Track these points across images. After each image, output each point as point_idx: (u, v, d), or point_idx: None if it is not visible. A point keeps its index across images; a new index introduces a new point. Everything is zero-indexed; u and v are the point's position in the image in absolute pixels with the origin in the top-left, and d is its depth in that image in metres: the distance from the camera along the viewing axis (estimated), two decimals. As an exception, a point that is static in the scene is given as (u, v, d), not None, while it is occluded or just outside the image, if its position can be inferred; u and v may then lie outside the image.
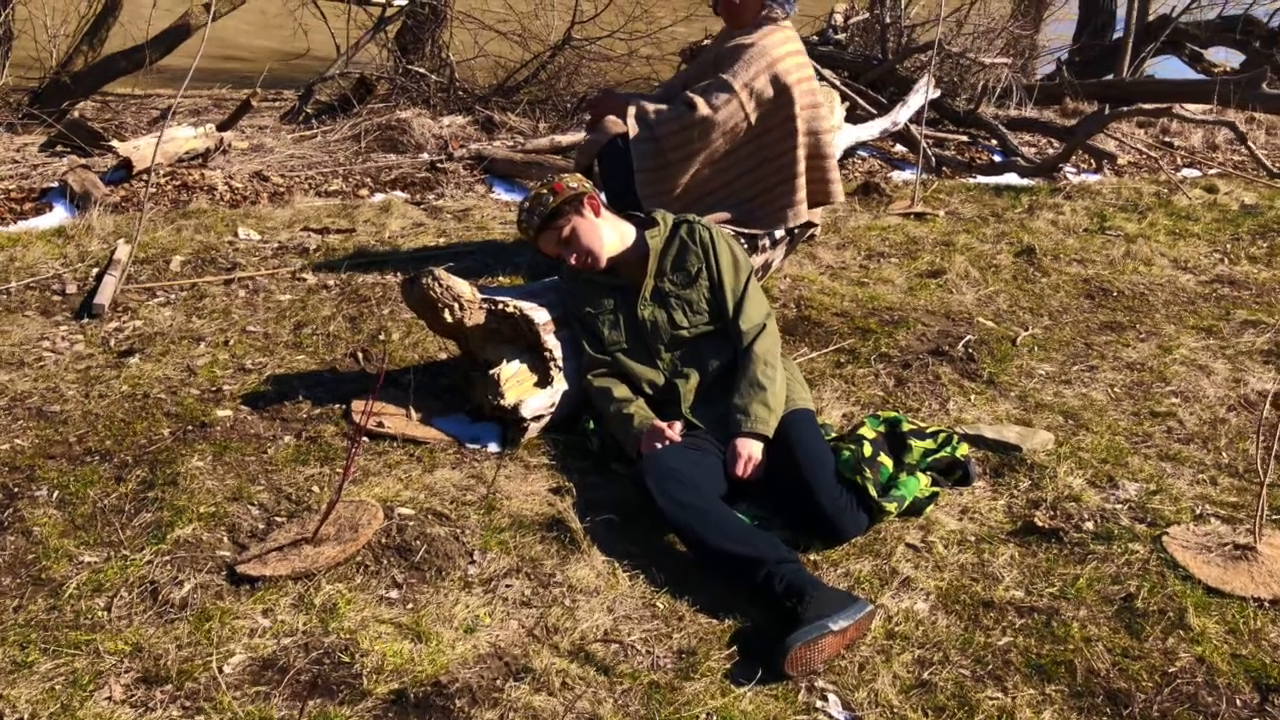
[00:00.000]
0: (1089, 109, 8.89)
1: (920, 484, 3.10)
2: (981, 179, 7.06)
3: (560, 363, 3.40)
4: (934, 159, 7.01)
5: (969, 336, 4.15)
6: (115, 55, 8.53)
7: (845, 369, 3.89)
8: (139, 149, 6.20)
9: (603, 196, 3.51)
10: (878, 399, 3.71)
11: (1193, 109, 8.17)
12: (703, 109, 4.12)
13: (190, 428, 3.37)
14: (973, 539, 2.99)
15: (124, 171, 6.14)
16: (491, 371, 3.35)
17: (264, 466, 3.18)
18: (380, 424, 3.34)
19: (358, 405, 3.44)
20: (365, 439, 3.32)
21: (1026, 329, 4.36)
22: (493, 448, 3.35)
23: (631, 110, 4.24)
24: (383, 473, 3.15)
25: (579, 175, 3.52)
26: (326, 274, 4.61)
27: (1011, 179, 7.08)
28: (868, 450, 3.12)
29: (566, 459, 3.32)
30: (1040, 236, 5.59)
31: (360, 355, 3.87)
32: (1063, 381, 3.93)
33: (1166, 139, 8.58)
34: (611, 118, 4.33)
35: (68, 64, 8.43)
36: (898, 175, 6.98)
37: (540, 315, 3.41)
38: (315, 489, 3.08)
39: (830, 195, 4.43)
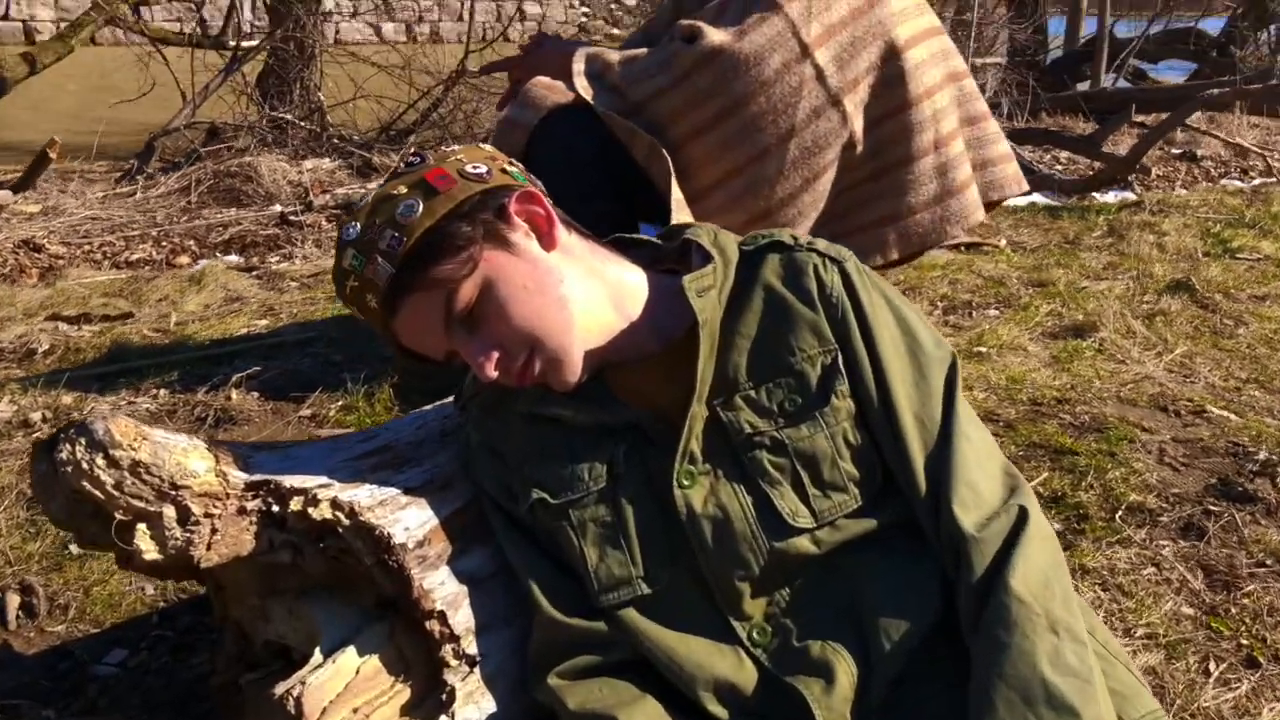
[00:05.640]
0: (1070, 123, 7.01)
1: None
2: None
3: (471, 648, 1.15)
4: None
5: (1268, 456, 1.98)
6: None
7: (1080, 548, 1.70)
8: None
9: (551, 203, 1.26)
10: (1194, 627, 1.53)
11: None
12: (713, 36, 1.92)
13: None
14: None
15: None
16: (281, 689, 1.09)
17: None
18: None
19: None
20: None
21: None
22: None
23: (578, 60, 2.05)
24: None
25: (491, 149, 1.30)
26: (37, 397, 2.29)
27: (1037, 198, 5.10)
28: None
29: None
30: (1169, 265, 3.51)
31: (20, 602, 1.56)
32: None
33: (1173, 150, 6.71)
34: (542, 79, 2.12)
35: None
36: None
37: (409, 521, 1.16)
38: None
39: (1003, 183, 2.25)
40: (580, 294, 1.14)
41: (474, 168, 1.16)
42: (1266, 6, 9.48)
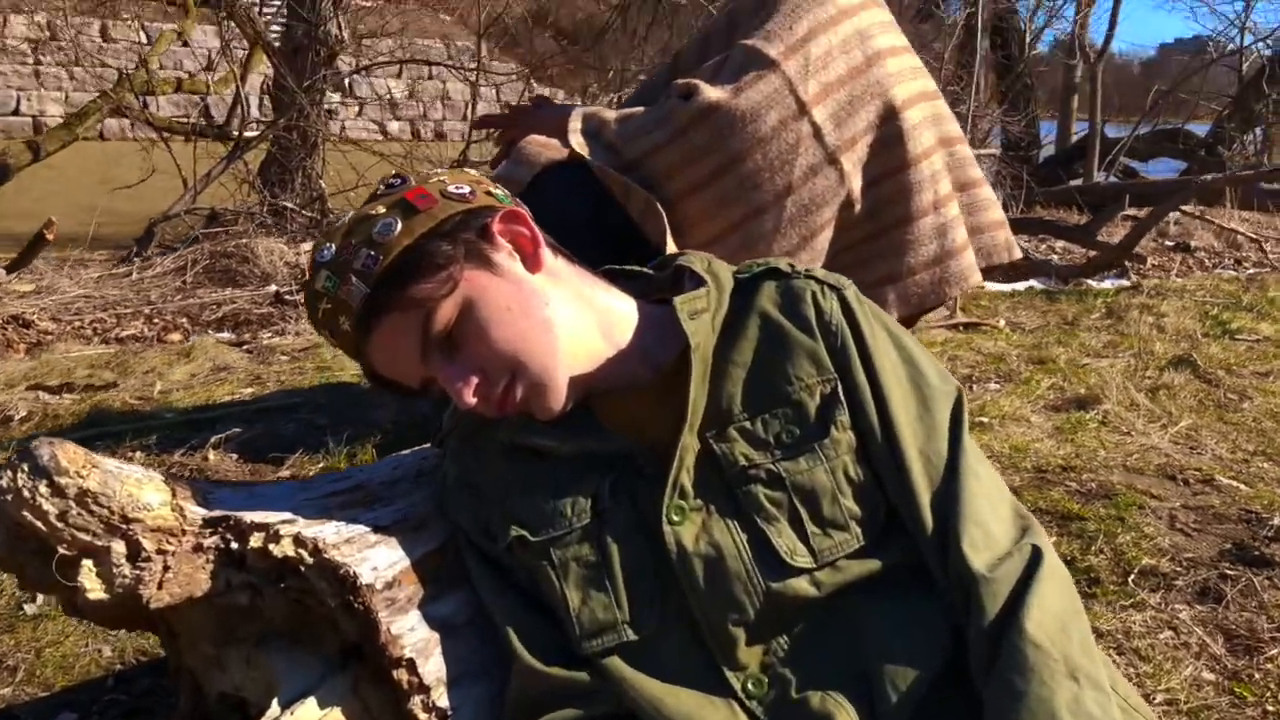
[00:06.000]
0: (1065, 215, 7.08)
1: None
2: (991, 286, 5.06)
3: (442, 700, 1.06)
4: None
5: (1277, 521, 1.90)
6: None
7: (1093, 611, 1.61)
8: None
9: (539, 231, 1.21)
10: (1217, 692, 1.42)
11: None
12: (710, 93, 1.89)
13: None
14: None
15: None
16: (231, 742, 1.00)
17: None
18: None
19: None
20: None
21: (1300, 489, 2.17)
22: None
23: (574, 119, 2.02)
24: None
25: (476, 173, 1.25)
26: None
27: (1033, 284, 5.10)
28: None
29: None
30: (1169, 344, 3.46)
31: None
32: None
33: (1166, 241, 6.76)
34: (537, 137, 2.09)
35: None
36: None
37: (377, 561, 1.08)
38: None
39: (992, 250, 2.20)
40: (566, 318, 1.08)
41: (457, 188, 1.11)
42: (1253, 109, 9.67)
